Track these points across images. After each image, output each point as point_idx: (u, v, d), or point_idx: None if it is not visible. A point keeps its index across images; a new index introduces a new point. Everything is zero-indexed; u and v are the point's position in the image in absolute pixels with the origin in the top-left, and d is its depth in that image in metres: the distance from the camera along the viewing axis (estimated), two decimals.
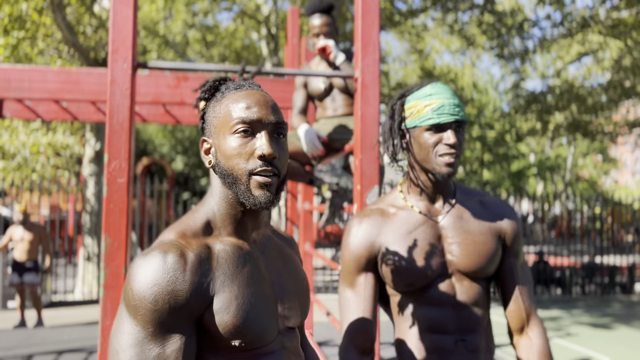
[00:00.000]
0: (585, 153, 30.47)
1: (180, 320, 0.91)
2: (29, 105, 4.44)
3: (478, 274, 1.42)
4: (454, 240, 1.41)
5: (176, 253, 0.93)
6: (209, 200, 1.06)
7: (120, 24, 2.13)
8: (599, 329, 7.84)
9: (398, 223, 1.43)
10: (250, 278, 1.00)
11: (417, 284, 1.39)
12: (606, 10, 14.77)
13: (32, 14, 8.59)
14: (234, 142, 1.00)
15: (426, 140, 1.38)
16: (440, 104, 1.36)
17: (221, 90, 1.08)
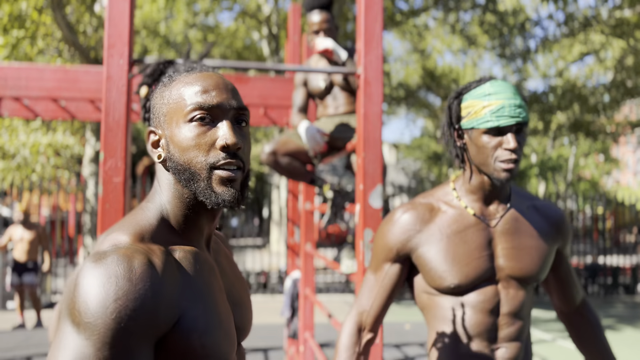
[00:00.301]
0: (587, 153, 30.39)
1: (143, 342, 0.74)
2: (27, 104, 4.39)
3: (528, 280, 1.38)
4: (507, 245, 1.37)
5: (143, 260, 0.76)
6: (157, 200, 0.90)
7: (116, 18, 2.07)
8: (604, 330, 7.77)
9: (447, 221, 1.38)
10: (213, 291, 0.87)
11: (461, 286, 1.34)
12: (609, 9, 14.71)
13: (32, 12, 8.55)
14: (190, 132, 0.86)
15: (484, 143, 1.31)
16: (500, 105, 1.28)
17: (168, 74, 0.95)
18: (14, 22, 8.38)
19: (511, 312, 1.36)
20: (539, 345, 6.74)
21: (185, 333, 0.79)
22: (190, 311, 0.81)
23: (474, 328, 1.34)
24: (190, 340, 0.79)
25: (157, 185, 0.92)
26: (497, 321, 1.35)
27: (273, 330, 7.05)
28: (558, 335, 7.36)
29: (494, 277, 1.36)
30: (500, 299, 1.36)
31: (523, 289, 1.38)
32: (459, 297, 1.36)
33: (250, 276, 10.90)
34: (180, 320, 0.79)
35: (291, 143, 3.10)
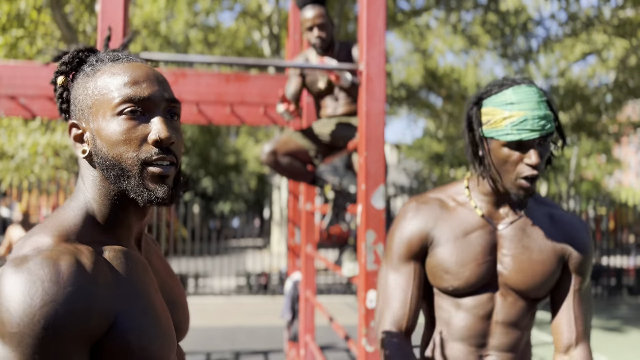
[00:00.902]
0: (589, 153, 30.30)
1: (76, 348, 0.68)
2: (23, 103, 4.32)
3: (527, 293, 1.29)
4: (509, 252, 1.29)
5: (70, 261, 0.70)
6: (81, 198, 0.84)
7: (110, 12, 2.00)
8: (607, 333, 7.69)
9: (456, 220, 1.31)
10: (148, 289, 0.81)
11: (460, 289, 1.29)
12: (611, 9, 14.63)
13: (31, 11, 8.49)
14: (120, 126, 0.80)
15: (505, 157, 1.22)
16: (522, 117, 1.18)
17: (90, 63, 0.86)
18: (12, 21, 8.33)
19: (506, 321, 1.29)
20: (543, 348, 6.66)
21: (123, 335, 0.74)
22: (125, 312, 0.75)
23: (464, 331, 1.29)
24: (128, 342, 0.74)
25: (80, 183, 0.86)
26: (488, 328, 1.29)
27: (273, 332, 6.98)
28: None
29: (493, 284, 1.30)
30: (494, 305, 1.29)
31: (523, 301, 1.30)
32: (457, 298, 1.31)
33: (250, 277, 10.83)
34: (116, 322, 0.74)
35: (292, 142, 3.03)
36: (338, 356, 5.85)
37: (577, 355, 1.29)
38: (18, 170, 9.51)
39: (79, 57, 0.88)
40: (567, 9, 14.07)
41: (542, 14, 17.52)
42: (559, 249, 1.31)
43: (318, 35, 2.88)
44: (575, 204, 12.72)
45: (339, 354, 5.92)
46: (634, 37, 14.66)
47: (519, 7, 16.69)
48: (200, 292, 10.64)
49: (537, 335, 7.36)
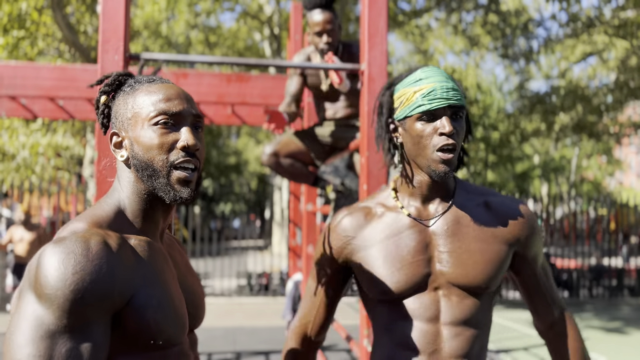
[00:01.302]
0: (590, 154, 30.28)
1: (99, 313, 0.83)
2: (24, 104, 4.32)
3: (471, 287, 1.21)
4: (446, 248, 1.22)
5: (99, 240, 0.85)
6: (115, 196, 0.99)
7: (111, 12, 2.00)
8: (609, 333, 7.67)
9: (382, 225, 1.26)
10: (165, 275, 0.95)
11: (392, 293, 1.21)
12: (612, 10, 14.62)
13: (32, 12, 8.50)
14: (154, 133, 0.96)
15: (419, 131, 1.19)
16: (432, 87, 1.18)
17: (129, 84, 1.03)
18: (14, 22, 8.33)
19: (454, 322, 1.20)
20: (544, 349, 6.65)
21: (140, 309, 0.87)
22: (143, 289, 0.89)
23: (408, 339, 1.21)
24: (144, 316, 0.87)
25: (117, 183, 1.01)
26: (438, 332, 1.20)
27: (274, 332, 6.97)
28: None
29: (433, 284, 1.22)
30: (440, 307, 1.21)
31: (470, 297, 1.22)
32: (394, 304, 1.23)
33: (251, 278, 10.82)
34: (135, 297, 0.87)
35: (293, 144, 3.02)
36: (339, 356, 5.84)
37: (562, 329, 1.33)
38: (19, 170, 9.51)
39: (119, 80, 1.05)
40: (568, 10, 14.06)
41: (542, 15, 17.52)
42: (503, 235, 1.25)
43: (326, 42, 2.81)
44: (575, 205, 12.71)
45: (341, 355, 5.92)
46: (634, 37, 14.65)
47: (519, 7, 16.69)
48: None
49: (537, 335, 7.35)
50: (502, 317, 8.76)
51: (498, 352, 6.39)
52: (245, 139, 27.52)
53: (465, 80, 22.48)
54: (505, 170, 24.88)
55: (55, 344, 0.79)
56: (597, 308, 9.92)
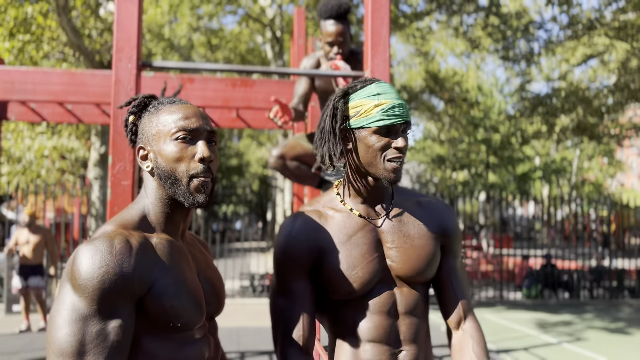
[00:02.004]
0: (591, 156, 30.31)
1: (123, 300, 1.00)
2: (34, 108, 4.41)
3: (417, 278, 1.35)
4: (394, 244, 1.34)
5: (122, 240, 1.02)
6: (141, 202, 1.16)
7: (125, 22, 2.09)
8: (611, 334, 7.73)
9: (337, 226, 1.34)
10: (183, 268, 1.11)
11: (358, 291, 1.30)
12: (612, 12, 14.68)
13: (38, 17, 8.59)
14: (175, 147, 1.12)
15: (373, 143, 1.29)
16: (391, 104, 1.28)
17: (154, 105, 1.20)
18: (19, 26, 8.42)
19: (408, 312, 1.34)
20: (545, 349, 6.72)
21: (158, 296, 1.04)
22: (161, 280, 1.05)
23: (374, 331, 1.31)
24: (162, 302, 1.04)
25: (143, 191, 1.18)
26: (396, 323, 1.32)
27: None
28: (564, 338, 7.33)
29: (388, 278, 1.34)
30: (395, 299, 1.33)
31: (415, 289, 1.35)
32: (356, 302, 1.32)
33: (254, 279, 10.89)
34: (153, 286, 1.04)
35: (299, 147, 3.10)
36: None
37: (468, 327, 1.38)
38: (24, 173, 9.60)
39: (144, 102, 1.23)
40: (568, 12, 14.13)
41: (543, 17, 17.56)
42: (434, 232, 1.38)
43: (337, 52, 2.86)
44: (576, 206, 12.77)
45: None
46: (635, 40, 14.71)
47: (520, 10, 16.75)
48: None
49: (537, 335, 7.42)
50: (502, 317, 8.83)
51: (499, 352, 6.46)
52: (248, 141, 27.60)
53: (466, 82, 22.55)
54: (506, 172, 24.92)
55: (87, 325, 0.96)
56: (597, 309, 9.98)
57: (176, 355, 1.08)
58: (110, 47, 9.62)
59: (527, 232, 17.10)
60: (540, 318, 8.88)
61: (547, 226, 13.31)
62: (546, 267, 11.11)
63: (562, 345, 6.95)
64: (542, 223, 17.11)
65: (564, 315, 9.18)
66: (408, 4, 15.97)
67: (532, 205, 16.30)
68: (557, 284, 11.06)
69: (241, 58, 18.92)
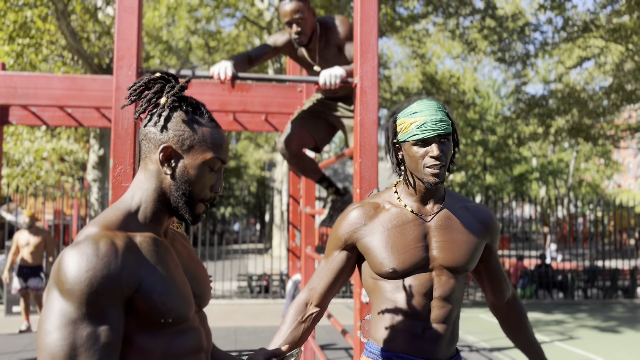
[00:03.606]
0: (588, 157, 30.46)
1: (112, 302, 1.01)
2: (35, 112, 4.50)
3: (458, 269, 1.59)
4: (440, 238, 1.59)
5: (107, 242, 1.03)
6: (130, 200, 1.17)
7: (125, 32, 2.19)
8: (602, 333, 7.84)
9: (389, 217, 1.60)
10: (169, 265, 1.13)
11: (400, 272, 1.55)
12: (607, 15, 14.81)
13: (37, 21, 8.69)
14: (204, 174, 1.16)
15: (414, 153, 1.55)
16: (423, 121, 1.53)
17: (191, 105, 1.18)
18: (19, 30, 8.52)
19: (442, 297, 1.57)
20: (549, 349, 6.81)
21: (148, 294, 1.05)
22: (149, 278, 1.06)
23: (410, 308, 1.56)
24: (152, 299, 1.06)
25: (137, 188, 1.18)
26: (430, 303, 1.57)
27: (274, 332, 7.12)
28: (556, 337, 7.44)
29: (428, 266, 1.58)
30: (433, 284, 1.58)
31: (454, 277, 1.59)
32: (398, 281, 1.57)
33: (252, 280, 10.98)
34: (142, 284, 1.05)
35: (299, 131, 3.14)
36: (338, 355, 6.01)
37: (516, 301, 1.81)
38: (24, 175, 9.68)
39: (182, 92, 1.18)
40: (563, 14, 14.25)
41: (539, 19, 17.69)
42: (478, 230, 1.64)
43: (297, 31, 2.84)
44: (573, 207, 12.88)
45: (339, 353, 6.08)
46: (629, 42, 14.85)
47: (516, 12, 16.88)
48: None
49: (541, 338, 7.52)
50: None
51: (492, 351, 6.56)
52: (246, 143, 27.70)
53: (463, 84, 22.66)
54: (503, 173, 25.05)
55: (77, 329, 0.97)
56: (591, 309, 10.09)
57: (171, 349, 1.10)
58: (108, 51, 9.70)
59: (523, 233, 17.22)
60: (534, 317, 8.98)
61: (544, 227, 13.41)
62: (540, 267, 11.22)
63: (555, 343, 7.06)
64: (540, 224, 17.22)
65: (558, 315, 9.29)
66: (405, 6, 16.10)
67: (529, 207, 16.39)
68: (551, 284, 11.16)
69: None
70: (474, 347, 6.71)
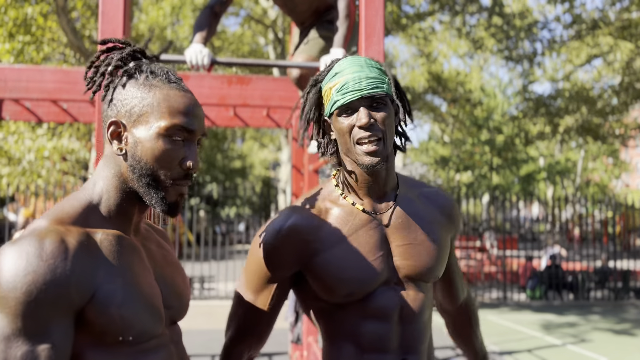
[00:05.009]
0: (596, 156, 30.16)
1: (56, 313, 0.80)
2: (28, 107, 4.37)
3: (427, 277, 1.22)
4: (402, 242, 1.20)
5: (55, 239, 0.82)
6: (91, 189, 0.96)
7: (110, 13, 2.03)
8: (615, 335, 7.63)
9: (337, 223, 1.19)
10: (135, 269, 0.92)
11: (358, 293, 1.17)
12: (616, 12, 14.58)
13: (38, 18, 8.58)
14: (165, 145, 0.92)
15: (340, 126, 1.16)
16: (344, 81, 1.15)
17: (145, 71, 0.96)
18: (19, 27, 8.41)
19: (413, 316, 1.20)
20: (549, 350, 6.62)
21: (103, 305, 0.85)
22: (107, 285, 0.86)
23: (374, 338, 1.17)
24: (108, 312, 0.85)
25: (97, 176, 0.97)
26: (398, 328, 1.19)
27: (278, 334, 6.96)
28: (567, 340, 7.24)
29: (393, 279, 1.20)
30: (401, 302, 1.19)
31: (422, 289, 1.22)
32: (356, 305, 1.18)
33: None
34: (97, 293, 0.84)
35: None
36: None
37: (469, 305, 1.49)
38: (25, 174, 9.58)
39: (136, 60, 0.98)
40: (572, 11, 14.04)
41: (547, 17, 17.47)
42: (442, 223, 1.27)
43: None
44: (581, 207, 12.67)
45: None
46: (639, 39, 14.61)
47: (523, 10, 16.67)
48: (206, 295, 10.67)
49: (542, 337, 7.33)
50: (506, 319, 8.73)
51: (502, 354, 6.37)
52: (251, 143, 27.59)
53: (469, 83, 22.46)
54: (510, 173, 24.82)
55: (9, 347, 0.77)
56: (602, 310, 9.87)
57: None
58: None
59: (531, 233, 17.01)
60: (545, 319, 8.78)
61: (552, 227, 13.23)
62: (550, 268, 11.01)
63: (567, 346, 6.86)
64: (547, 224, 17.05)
65: (569, 317, 9.08)
66: (410, 4, 15.92)
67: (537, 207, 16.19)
68: (561, 285, 10.95)
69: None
70: None
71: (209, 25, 2.50)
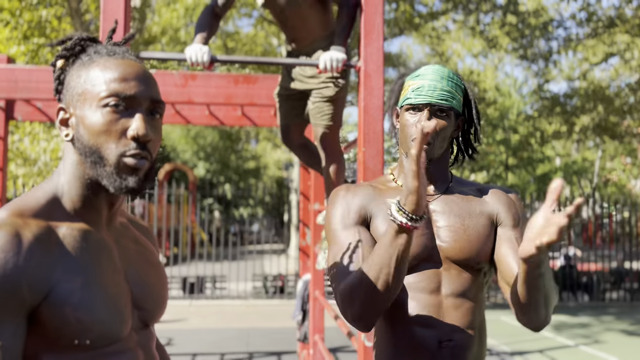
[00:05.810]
0: (613, 156, 29.73)
1: (6, 312, 0.75)
2: (40, 107, 4.43)
3: (467, 262, 1.28)
4: (444, 224, 1.30)
5: (8, 232, 0.77)
6: (55, 180, 0.91)
7: (111, 8, 2.05)
8: (630, 337, 7.52)
9: (388, 198, 1.32)
10: (100, 267, 0.86)
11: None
12: (633, 9, 14.36)
13: (52, 20, 8.70)
14: (103, 117, 0.86)
15: (405, 121, 1.32)
16: (421, 84, 1.30)
17: (88, 53, 0.92)
18: (34, 29, 8.54)
19: (454, 295, 1.25)
20: (561, 351, 6.55)
21: (58, 306, 0.79)
22: (64, 284, 0.80)
23: (416, 311, 1.24)
24: (64, 313, 0.79)
25: (61, 166, 0.92)
26: (440, 304, 1.25)
27: (287, 333, 6.99)
28: (581, 341, 7.15)
29: (435, 258, 1.28)
30: (441, 280, 1.26)
31: (466, 272, 1.27)
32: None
33: (267, 280, 10.89)
34: (52, 292, 0.79)
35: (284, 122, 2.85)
36: (348, 357, 5.84)
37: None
38: (40, 175, 9.72)
39: (81, 45, 0.93)
40: (587, 9, 13.86)
41: (562, 15, 17.28)
42: (488, 210, 1.33)
43: None
44: (598, 208, 12.49)
45: (350, 355, 5.91)
46: None
47: (538, 8, 16.49)
48: (217, 295, 10.73)
49: (554, 338, 7.24)
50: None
51: (513, 355, 6.32)
52: (264, 144, 27.68)
53: (484, 82, 22.28)
54: (525, 172, 24.58)
55: None
56: (618, 311, 9.72)
57: None
58: None
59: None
60: (558, 320, 8.68)
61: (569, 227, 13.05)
62: (565, 268, 10.88)
63: (579, 347, 6.77)
64: None
65: (582, 318, 8.96)
66: (423, 3, 15.84)
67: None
68: (576, 285, 10.81)
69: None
70: (493, 350, 6.47)
71: (209, 25, 2.51)
